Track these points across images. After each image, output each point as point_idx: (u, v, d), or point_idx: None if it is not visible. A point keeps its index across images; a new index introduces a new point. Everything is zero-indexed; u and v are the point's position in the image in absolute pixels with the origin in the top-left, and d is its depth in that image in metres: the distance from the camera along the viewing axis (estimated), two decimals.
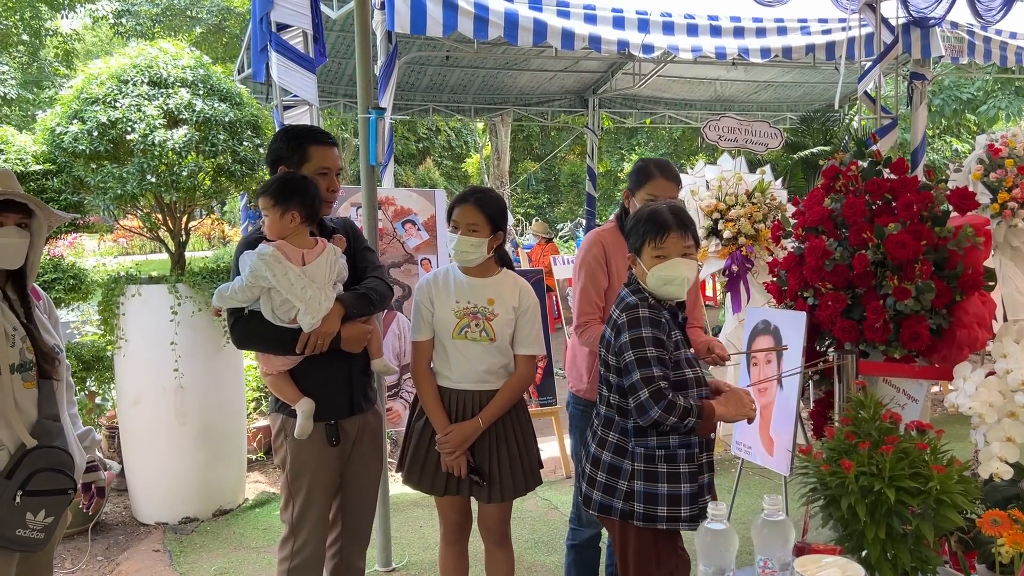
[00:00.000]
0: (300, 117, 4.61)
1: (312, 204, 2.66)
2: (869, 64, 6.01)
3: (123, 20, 18.55)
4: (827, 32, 6.88)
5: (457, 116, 11.73)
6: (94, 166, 4.40)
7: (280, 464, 2.84)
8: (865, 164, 3.02)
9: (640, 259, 2.42)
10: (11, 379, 2.26)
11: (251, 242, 2.70)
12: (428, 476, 2.88)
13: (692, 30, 6.29)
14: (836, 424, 2.48)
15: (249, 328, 2.68)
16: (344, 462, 2.85)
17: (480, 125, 20.81)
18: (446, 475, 2.85)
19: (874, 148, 3.09)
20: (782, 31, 6.69)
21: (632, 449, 2.39)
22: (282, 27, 4.26)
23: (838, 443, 2.13)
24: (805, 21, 6.80)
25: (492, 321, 2.83)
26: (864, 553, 1.93)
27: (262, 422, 5.66)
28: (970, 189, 2.92)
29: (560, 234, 16.56)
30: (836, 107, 11.10)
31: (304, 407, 2.68)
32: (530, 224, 15.57)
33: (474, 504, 2.98)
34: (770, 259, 3.96)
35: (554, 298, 7.75)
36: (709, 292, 11.35)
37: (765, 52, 6.61)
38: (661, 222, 2.39)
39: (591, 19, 5.93)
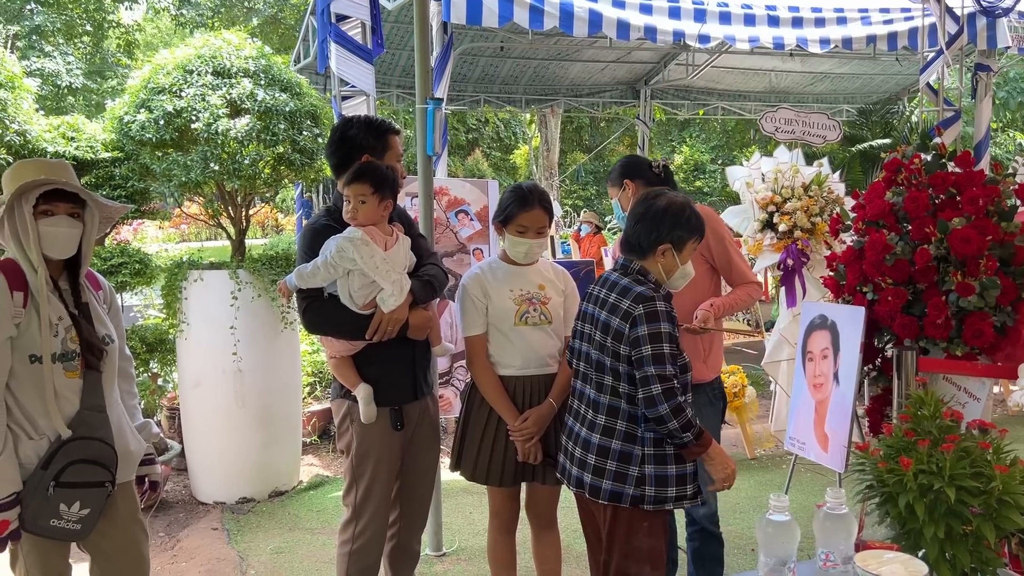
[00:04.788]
0: (358, 107, 4.67)
1: (396, 195, 2.75)
2: (932, 55, 5.86)
3: (183, 11, 18.97)
4: (889, 22, 6.71)
5: (508, 107, 11.73)
6: (160, 154, 4.54)
7: (344, 449, 2.89)
8: (929, 157, 2.97)
9: (679, 254, 2.48)
10: (52, 368, 2.30)
11: (320, 228, 2.75)
12: (496, 468, 2.89)
13: (749, 20, 6.19)
14: (894, 421, 2.45)
15: (323, 312, 2.73)
16: (405, 447, 2.91)
17: (528, 116, 20.79)
18: (514, 465, 2.87)
19: (938, 141, 3.03)
20: (842, 21, 6.54)
21: (641, 435, 2.40)
22: (341, 18, 4.32)
23: (896, 440, 2.11)
24: (866, 11, 6.64)
25: (547, 305, 2.91)
26: (922, 552, 1.92)
27: (317, 406, 5.78)
28: None
29: (608, 226, 16.50)
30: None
31: (362, 393, 2.74)
32: (579, 216, 15.53)
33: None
34: (827, 253, 3.91)
35: None
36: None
37: (824, 42, 6.47)
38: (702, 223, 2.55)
39: (647, 9, 5.88)
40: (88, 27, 19.57)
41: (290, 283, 2.73)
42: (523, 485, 3.01)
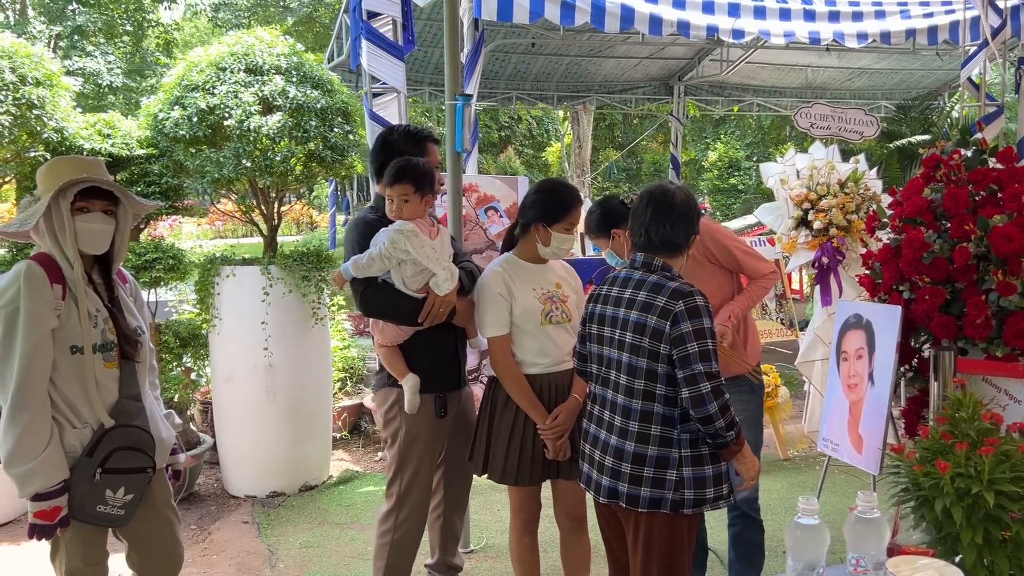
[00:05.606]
0: (388, 104, 4.68)
1: (435, 190, 2.86)
2: (974, 49, 5.72)
3: (220, 13, 19.22)
4: (929, 16, 6.58)
5: (540, 104, 11.70)
6: (193, 150, 4.59)
7: (391, 436, 2.95)
8: (969, 153, 2.89)
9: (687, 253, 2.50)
10: (93, 359, 2.36)
11: (371, 220, 2.88)
12: (525, 468, 2.85)
13: (784, 14, 6.11)
14: (931, 423, 2.39)
15: (379, 296, 2.82)
16: (447, 434, 3.01)
17: (561, 113, 20.74)
18: (543, 463, 2.85)
19: (979, 136, 2.95)
20: (880, 15, 6.43)
21: (677, 437, 2.34)
22: (372, 15, 4.33)
23: (933, 443, 2.06)
24: (905, 4, 6.52)
25: (567, 303, 2.91)
26: (958, 558, 1.86)
27: (347, 402, 5.81)
28: None
29: None
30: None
31: (410, 382, 2.84)
32: None
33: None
34: (863, 251, 3.83)
35: None
36: (795, 285, 11.03)
37: (862, 37, 6.36)
38: None
39: (679, 4, 5.83)
40: (128, 27, 19.91)
41: (346, 272, 2.84)
42: (546, 487, 2.99)
